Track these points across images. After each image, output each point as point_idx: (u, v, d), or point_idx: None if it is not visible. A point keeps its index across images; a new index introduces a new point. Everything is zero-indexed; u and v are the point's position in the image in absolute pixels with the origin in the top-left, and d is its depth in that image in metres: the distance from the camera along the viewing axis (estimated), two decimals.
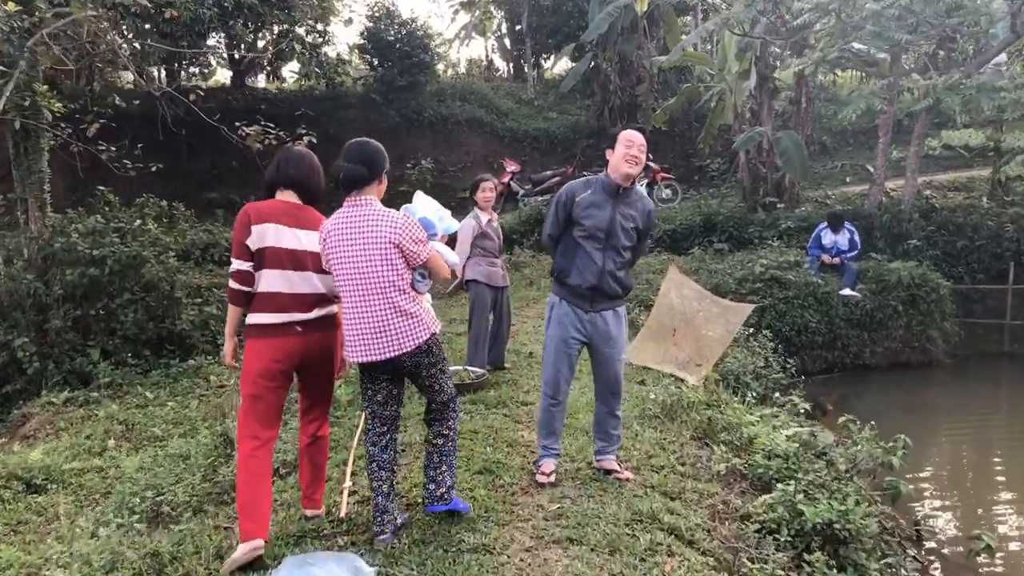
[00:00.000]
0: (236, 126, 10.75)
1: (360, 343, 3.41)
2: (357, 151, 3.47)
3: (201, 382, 9.70)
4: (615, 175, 4.23)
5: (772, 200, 14.35)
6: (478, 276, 6.64)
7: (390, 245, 3.34)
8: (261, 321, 3.51)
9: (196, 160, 19.45)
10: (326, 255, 3.45)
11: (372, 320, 3.37)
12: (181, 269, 10.45)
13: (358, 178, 3.41)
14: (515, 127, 20.36)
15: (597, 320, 4.27)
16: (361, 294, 3.37)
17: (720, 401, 6.24)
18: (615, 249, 4.23)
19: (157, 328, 10.37)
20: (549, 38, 23.78)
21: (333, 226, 3.43)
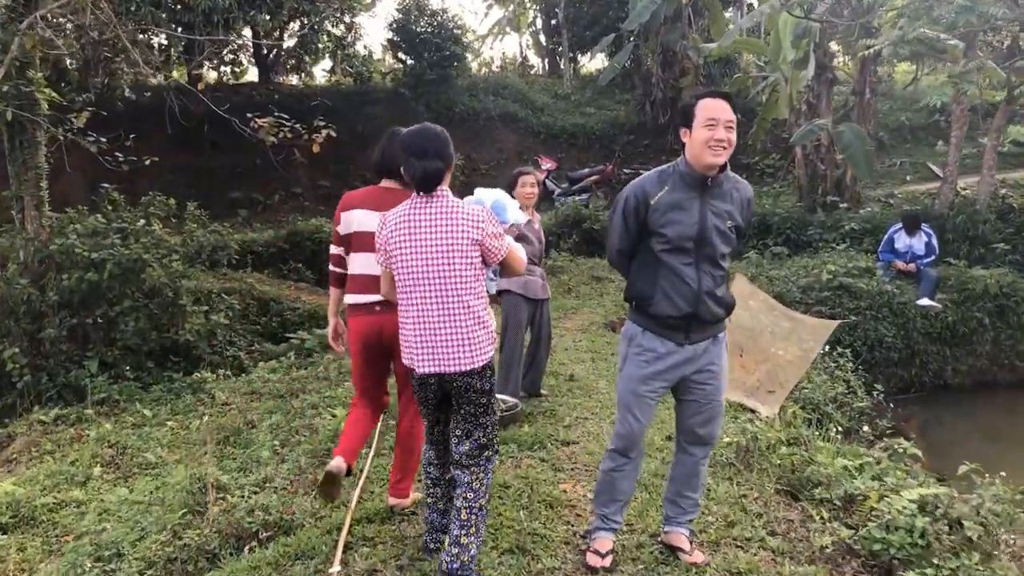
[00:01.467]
0: (248, 117, 9.84)
1: (429, 351, 3.07)
2: (428, 142, 3.10)
3: (205, 398, 8.84)
4: (697, 164, 3.16)
5: (833, 200, 13.13)
6: (513, 286, 5.58)
7: (471, 243, 3.04)
8: (350, 301, 3.71)
9: (219, 158, 18.68)
10: (387, 252, 3.12)
11: (445, 326, 3.05)
12: (187, 273, 9.55)
13: (437, 175, 3.09)
14: (551, 122, 19.30)
15: (693, 354, 3.25)
16: (433, 297, 3.05)
17: (802, 439, 5.14)
18: (711, 260, 3.18)
19: (160, 338, 9.54)
20: (586, 30, 22.68)
21: (399, 221, 3.09)
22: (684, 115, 3.18)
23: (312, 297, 11.79)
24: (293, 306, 11.11)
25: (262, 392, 8.80)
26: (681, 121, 3.20)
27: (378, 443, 5.19)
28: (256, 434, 6.88)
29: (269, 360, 9.89)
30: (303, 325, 10.86)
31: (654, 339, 3.23)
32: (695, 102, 3.16)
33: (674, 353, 3.21)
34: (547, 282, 5.93)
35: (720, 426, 3.44)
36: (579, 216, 13.60)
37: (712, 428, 3.37)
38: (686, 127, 3.17)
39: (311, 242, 13.50)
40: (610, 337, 8.04)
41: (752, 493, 4.17)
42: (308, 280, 12.72)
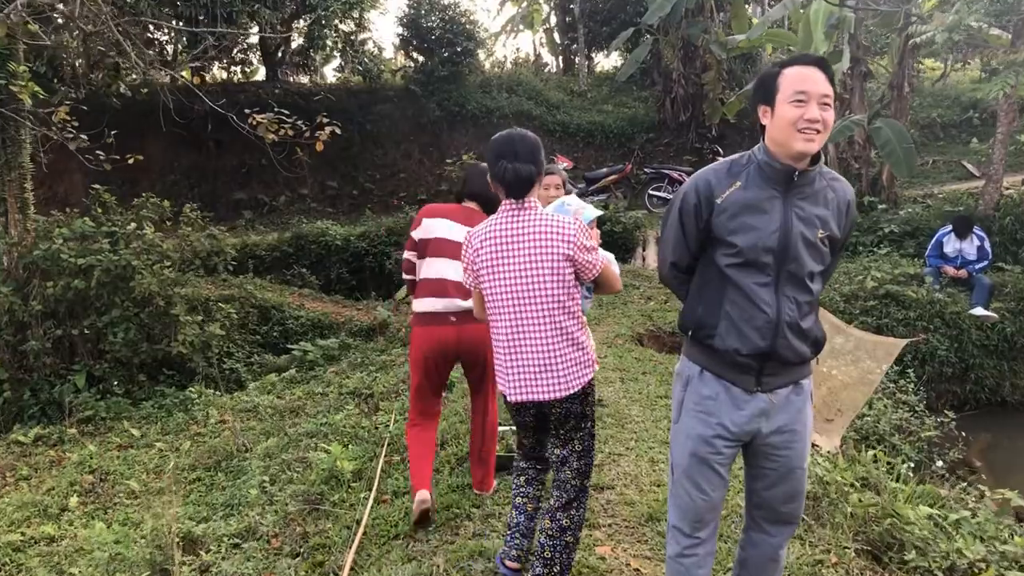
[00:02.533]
0: (246, 113, 9.16)
1: (520, 378, 2.88)
2: (518, 145, 2.90)
3: (199, 416, 8.19)
4: (781, 152, 2.41)
5: (872, 200, 12.34)
6: None
7: (562, 259, 2.79)
8: (420, 308, 3.71)
9: (223, 158, 18.15)
10: (475, 271, 2.94)
11: (537, 350, 2.84)
12: (180, 280, 8.88)
13: (528, 179, 2.86)
14: (567, 120, 18.57)
15: (768, 405, 2.49)
16: (524, 318, 2.84)
17: (872, 479, 4.40)
18: (795, 281, 2.42)
19: (152, 350, 8.89)
20: (603, 25, 21.96)
21: (486, 237, 2.89)
22: (763, 88, 2.43)
23: (316, 304, 11.12)
24: (296, 314, 10.43)
25: (259, 410, 8.17)
26: (759, 96, 2.45)
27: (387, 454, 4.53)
28: (249, 461, 6.21)
29: (269, 373, 9.24)
30: (306, 335, 10.19)
31: (716, 383, 2.49)
32: (778, 71, 2.41)
33: (743, 403, 2.48)
34: None
35: (804, 500, 2.67)
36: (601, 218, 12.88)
37: (796, 505, 2.60)
38: (766, 104, 2.42)
39: (316, 245, 12.82)
40: (639, 352, 7.31)
41: (830, 557, 3.43)
42: (312, 286, 12.05)
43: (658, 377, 6.40)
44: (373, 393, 5.99)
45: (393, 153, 18.51)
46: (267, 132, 9.15)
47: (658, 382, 6.23)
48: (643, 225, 12.84)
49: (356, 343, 9.77)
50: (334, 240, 12.71)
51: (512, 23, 28.45)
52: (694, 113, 17.75)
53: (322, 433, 5.42)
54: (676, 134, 18.16)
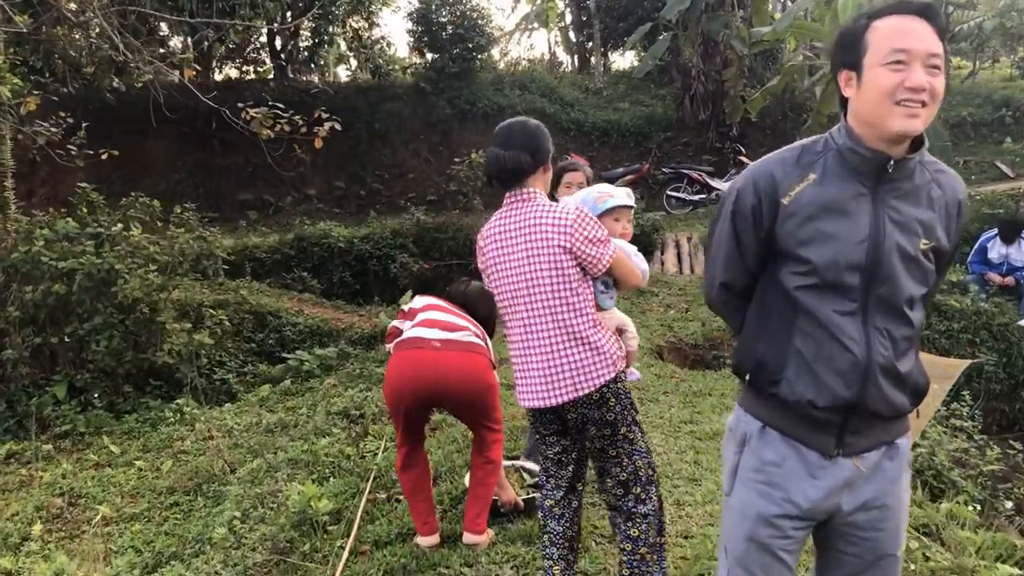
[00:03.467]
0: (239, 108, 8.63)
1: (527, 382, 2.69)
2: (515, 132, 2.75)
3: (185, 431, 7.64)
4: (870, 134, 1.79)
5: None
6: None
7: (560, 251, 2.57)
8: (404, 337, 3.45)
9: (228, 157, 17.63)
10: (484, 269, 2.80)
11: (541, 352, 2.63)
12: (166, 285, 8.32)
13: (519, 167, 2.68)
14: (582, 119, 17.93)
15: (852, 474, 1.86)
16: (529, 318, 2.65)
17: (933, 524, 3.76)
18: (890, 308, 1.81)
19: (137, 359, 8.32)
20: (620, 21, 21.31)
21: (492, 232, 2.74)
22: (846, 48, 1.81)
23: (316, 310, 10.54)
24: (293, 321, 9.86)
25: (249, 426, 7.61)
26: (841, 58, 1.83)
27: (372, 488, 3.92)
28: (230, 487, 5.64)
29: (263, 384, 8.69)
30: (303, 343, 9.63)
31: (782, 444, 1.88)
32: (866, 23, 1.77)
33: (819, 471, 1.85)
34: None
35: None
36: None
37: None
38: (849, 68, 1.80)
39: (318, 248, 12.25)
40: (659, 367, 6.66)
41: None
42: (314, 291, 11.48)
43: (681, 397, 5.76)
44: (364, 414, 5.40)
45: (402, 152, 17.95)
46: (262, 128, 8.63)
47: (681, 403, 5.59)
48: (661, 227, 12.18)
49: (356, 352, 9.20)
50: (337, 242, 12.13)
51: (526, 21, 27.87)
52: (714, 111, 17.06)
53: (303, 462, 4.83)
54: (695, 133, 17.48)
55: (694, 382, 6.19)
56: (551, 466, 2.85)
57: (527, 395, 2.69)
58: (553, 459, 2.83)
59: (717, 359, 7.32)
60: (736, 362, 1.99)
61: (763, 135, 17.58)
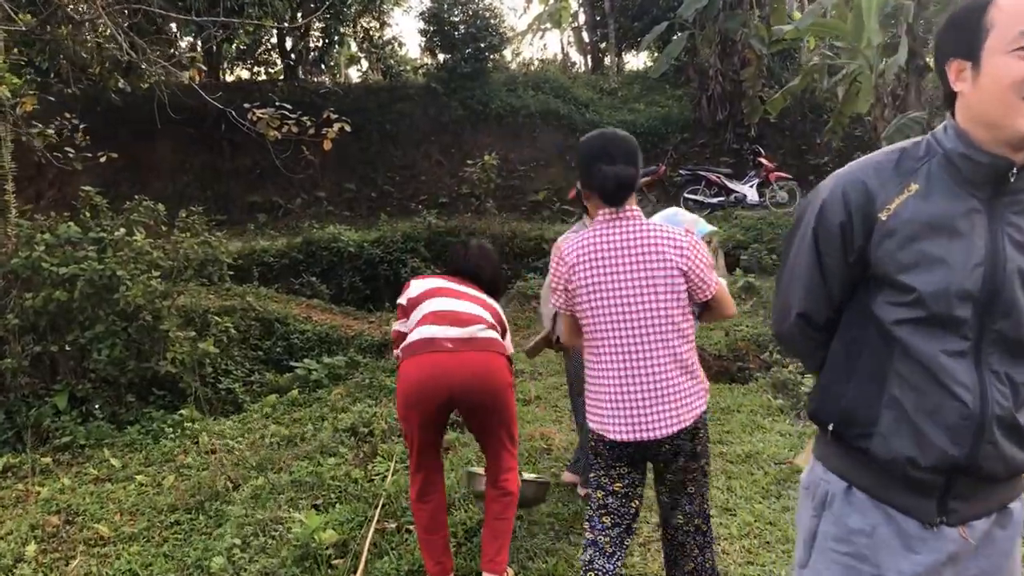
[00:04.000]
0: (245, 108, 8.36)
1: (623, 412, 2.48)
2: (618, 146, 2.56)
3: (188, 443, 7.35)
4: (989, 136, 1.46)
5: None
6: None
7: (676, 272, 2.45)
8: (413, 339, 3.12)
9: (238, 159, 17.43)
10: (570, 291, 2.56)
11: (645, 380, 2.45)
12: (169, 292, 8.06)
13: (630, 182, 2.51)
14: (596, 120, 17.59)
15: (959, 547, 1.53)
16: (635, 342, 2.46)
17: None
18: (1010, 346, 1.47)
19: (140, 368, 8.05)
20: (635, 21, 20.97)
21: (587, 248, 2.52)
22: (960, 32, 1.48)
23: (325, 316, 10.26)
24: (302, 328, 9.58)
25: (254, 439, 7.33)
26: (951, 45, 1.50)
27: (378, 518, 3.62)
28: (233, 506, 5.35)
29: (269, 394, 8.42)
30: (312, 351, 9.35)
31: (873, 509, 1.56)
32: (986, 2, 1.44)
33: (918, 543, 1.52)
34: None
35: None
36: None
37: None
38: (964, 56, 1.47)
39: (328, 252, 11.99)
40: None
41: None
42: (323, 296, 11.20)
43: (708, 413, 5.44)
44: (373, 431, 5.11)
45: (413, 154, 17.67)
46: (268, 129, 8.35)
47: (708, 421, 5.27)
48: None
49: (365, 361, 8.91)
50: (347, 246, 11.87)
51: (539, 21, 27.57)
52: (732, 112, 16.72)
53: (308, 484, 4.53)
54: (712, 134, 17.13)
55: (720, 397, 5.86)
56: (613, 501, 2.64)
57: (623, 427, 2.50)
58: (619, 494, 2.64)
59: (743, 371, 7.00)
60: (815, 409, 1.66)
61: (782, 136, 17.22)
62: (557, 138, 17.48)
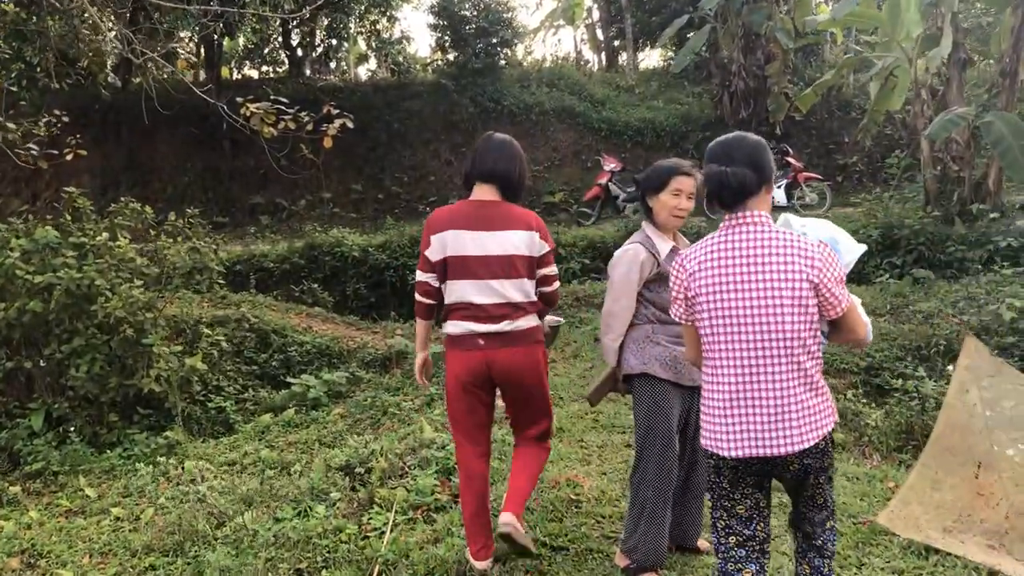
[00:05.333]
0: (238, 102, 7.69)
1: (744, 427, 2.37)
2: (734, 147, 2.44)
3: (172, 469, 6.70)
4: None
5: (982, 208, 10.45)
6: (655, 365, 3.18)
7: (806, 285, 2.32)
8: (450, 331, 3.24)
9: (241, 159, 16.83)
10: (690, 300, 2.47)
11: (771, 395, 2.35)
12: (153, 303, 7.39)
13: (741, 186, 2.38)
14: (613, 118, 16.86)
15: None
16: (758, 357, 2.35)
17: None
18: None
19: (124, 385, 7.40)
20: (653, 15, 20.24)
21: (705, 258, 2.43)
22: None
23: (327, 326, 9.58)
24: (300, 339, 8.90)
25: (244, 466, 6.68)
26: None
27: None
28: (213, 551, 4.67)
29: (264, 413, 7.75)
30: (311, 365, 8.67)
31: None
32: None
33: None
34: None
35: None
36: None
37: None
38: None
39: (331, 257, 11.29)
40: None
41: None
42: (325, 304, 10.51)
43: None
44: (371, 470, 4.41)
45: (422, 153, 17.00)
46: (263, 125, 7.68)
47: None
48: (705, 233, 11.06)
49: (368, 376, 8.23)
50: (351, 251, 11.17)
51: (551, 18, 26.87)
52: (756, 109, 15.95)
53: (291, 542, 3.83)
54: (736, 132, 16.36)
55: None
56: (737, 525, 2.49)
57: (743, 442, 2.38)
58: (743, 518, 2.48)
59: None
60: None
61: (808, 135, 16.46)
62: (572, 136, 16.76)
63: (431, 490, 3.99)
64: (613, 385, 3.34)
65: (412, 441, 4.84)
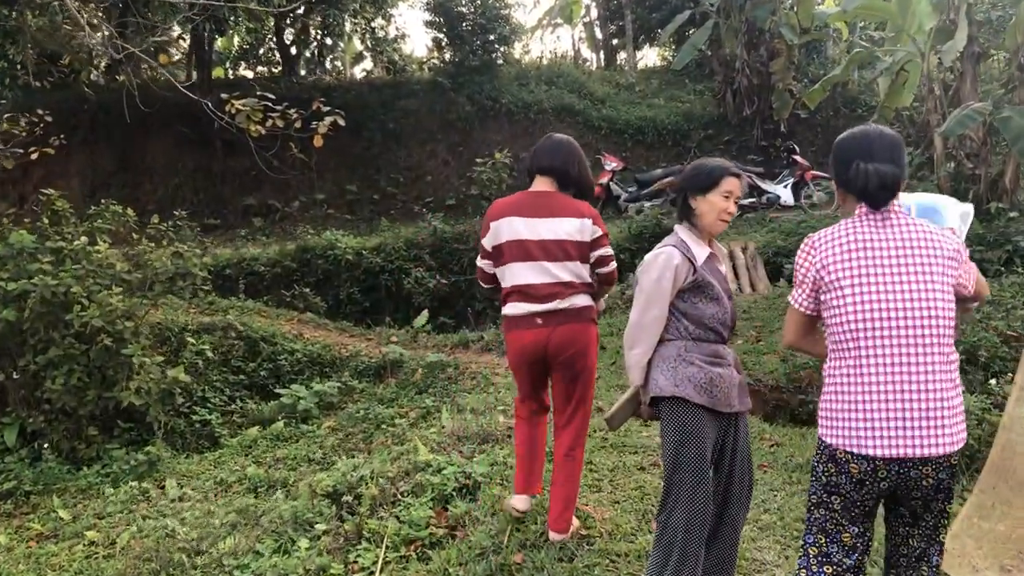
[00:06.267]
0: (223, 98, 7.30)
1: (896, 426, 2.18)
2: (876, 143, 2.35)
3: (151, 488, 6.32)
4: None
5: (1000, 207, 10.06)
6: (688, 388, 2.77)
7: (952, 279, 2.25)
8: (508, 312, 3.54)
9: (233, 159, 16.38)
10: (825, 286, 2.32)
11: (926, 390, 2.18)
12: (133, 311, 6.99)
13: (894, 182, 2.31)
14: (613, 116, 16.46)
15: None
16: (911, 348, 2.19)
17: None
18: None
19: (103, 398, 7.01)
20: (653, 12, 19.86)
21: (844, 246, 2.31)
22: None
23: (318, 333, 9.17)
24: (290, 347, 8.50)
25: (228, 484, 6.29)
26: None
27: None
28: None
29: (251, 426, 7.36)
30: (302, 374, 8.28)
31: None
32: None
33: None
34: (743, 373, 3.06)
35: None
36: (660, 228, 10.68)
37: None
38: None
39: (324, 260, 10.89)
40: None
41: None
42: (317, 309, 10.11)
43: (782, 474, 4.31)
44: (360, 497, 4.02)
45: (418, 154, 16.58)
46: (249, 122, 7.28)
47: (785, 484, 4.14)
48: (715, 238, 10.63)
49: (361, 386, 7.84)
50: (344, 254, 10.77)
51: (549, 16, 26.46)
52: (759, 107, 15.56)
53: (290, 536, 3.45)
54: (739, 131, 15.97)
55: (794, 447, 4.74)
56: (838, 553, 2.31)
57: (895, 440, 2.19)
58: (847, 547, 2.30)
59: (805, 405, 5.86)
60: None
61: (813, 133, 16.06)
62: (572, 135, 16.28)
63: (426, 522, 3.59)
64: (637, 407, 2.95)
65: (406, 463, 4.44)
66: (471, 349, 8.33)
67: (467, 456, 4.48)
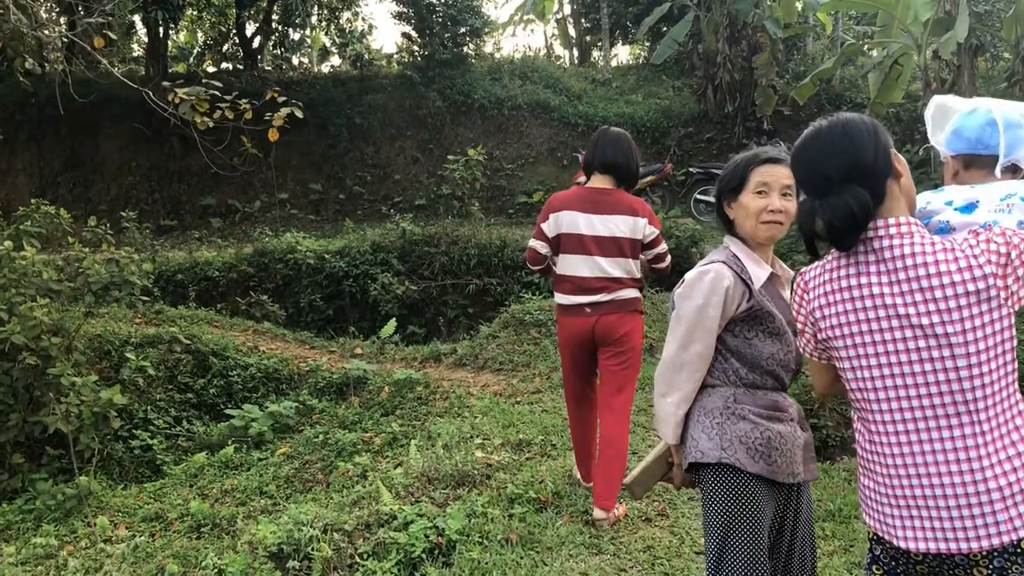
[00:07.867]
0: (165, 86, 6.54)
1: (919, 516, 1.72)
2: (825, 162, 1.79)
3: (80, 526, 5.58)
4: None
5: None
6: (739, 451, 2.11)
7: (983, 302, 1.64)
8: (561, 302, 3.86)
9: (191, 157, 15.49)
10: (824, 329, 1.83)
11: (953, 472, 1.68)
12: (61, 326, 6.20)
13: (850, 219, 1.74)
14: (590, 113, 15.81)
15: None
16: (923, 419, 1.71)
17: None
18: None
19: (26, 424, 6.22)
20: (629, 5, 19.28)
21: (831, 283, 1.81)
22: None
23: (275, 345, 8.41)
24: (244, 361, 7.73)
25: (168, 521, 5.55)
26: None
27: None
28: None
29: (199, 452, 6.60)
30: (256, 392, 7.52)
31: None
32: None
33: None
34: (808, 430, 2.36)
35: None
36: None
37: None
38: None
39: (283, 265, 10.10)
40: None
41: None
42: (276, 319, 9.34)
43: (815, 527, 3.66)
44: (311, 559, 3.31)
45: (386, 151, 15.83)
46: (194, 113, 6.53)
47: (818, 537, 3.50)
48: (701, 239, 10.02)
49: (321, 406, 7.09)
50: (305, 258, 10.00)
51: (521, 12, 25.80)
52: (741, 103, 15.00)
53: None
54: (720, 128, 15.41)
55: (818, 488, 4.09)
56: None
57: (919, 532, 1.71)
58: None
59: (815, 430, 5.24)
60: None
61: (797, 130, 15.34)
62: (547, 132, 15.68)
63: None
64: (667, 470, 2.27)
65: (366, 512, 3.72)
66: (443, 363, 7.62)
67: (439, 504, 3.78)
